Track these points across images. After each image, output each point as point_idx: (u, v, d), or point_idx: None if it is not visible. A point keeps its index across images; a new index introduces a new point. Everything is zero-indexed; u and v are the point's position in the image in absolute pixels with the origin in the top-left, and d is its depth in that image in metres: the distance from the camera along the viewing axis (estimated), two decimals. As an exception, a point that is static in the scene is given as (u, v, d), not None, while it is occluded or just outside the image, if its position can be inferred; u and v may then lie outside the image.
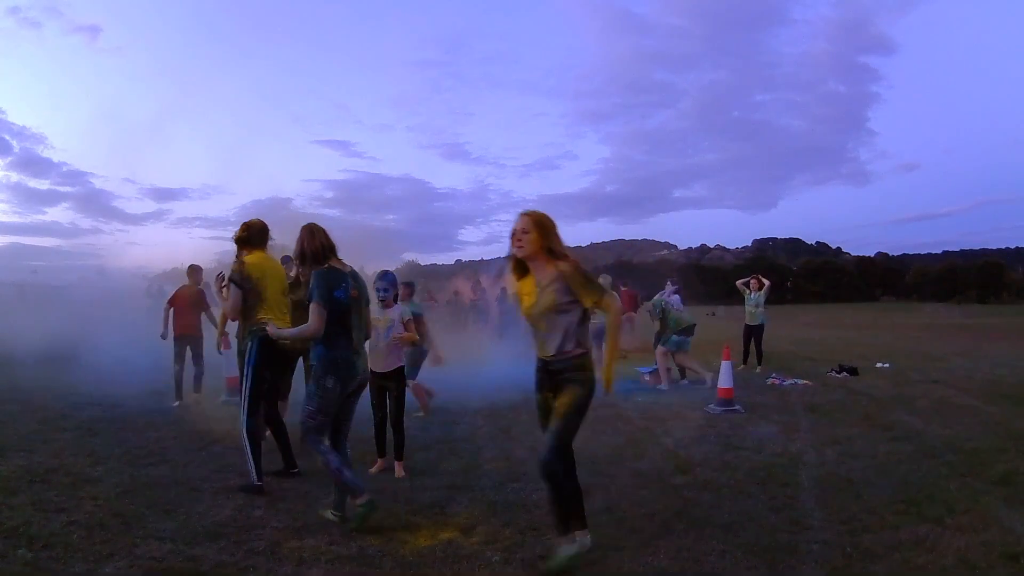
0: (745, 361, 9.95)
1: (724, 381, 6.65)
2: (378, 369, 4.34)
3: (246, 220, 4.15)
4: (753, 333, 10.15)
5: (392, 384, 4.39)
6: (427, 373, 6.56)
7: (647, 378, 8.56)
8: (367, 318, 3.54)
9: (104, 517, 3.34)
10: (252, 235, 4.09)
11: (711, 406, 6.52)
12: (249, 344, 3.92)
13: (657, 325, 8.63)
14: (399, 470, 4.27)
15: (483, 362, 9.64)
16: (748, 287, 10.41)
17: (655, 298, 8.84)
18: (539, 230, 2.87)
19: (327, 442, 3.33)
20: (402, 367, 4.45)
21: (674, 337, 8.28)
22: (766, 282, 10.47)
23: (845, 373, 9.06)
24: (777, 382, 8.30)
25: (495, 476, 4.22)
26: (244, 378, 3.93)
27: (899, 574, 2.77)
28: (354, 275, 3.38)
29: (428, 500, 3.72)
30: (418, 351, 5.97)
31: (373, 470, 4.34)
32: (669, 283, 10.02)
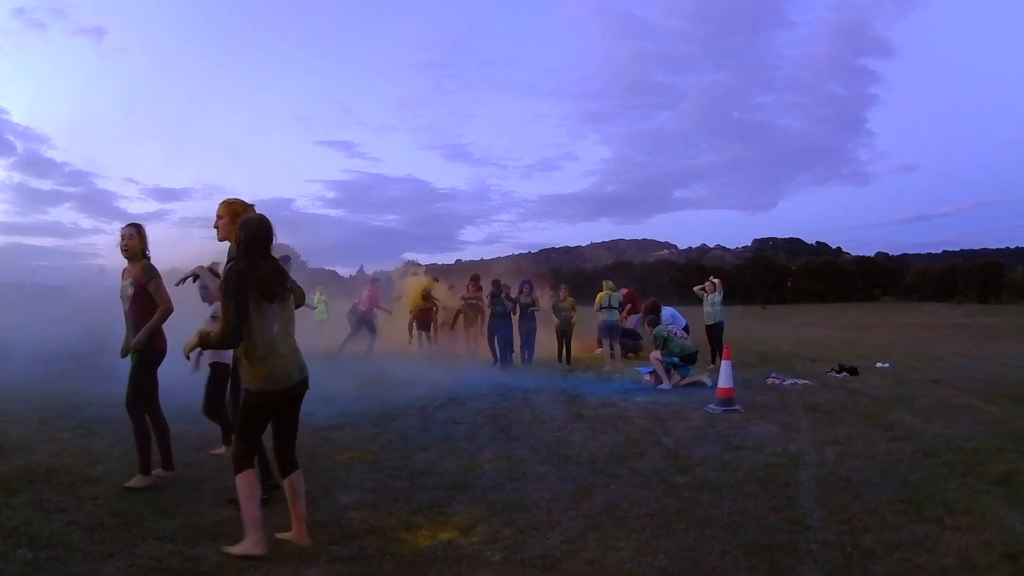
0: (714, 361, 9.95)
1: (724, 381, 6.65)
2: (208, 361, 4.53)
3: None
4: (713, 332, 10.38)
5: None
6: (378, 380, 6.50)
7: (647, 378, 8.56)
8: None
9: (104, 517, 3.34)
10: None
11: (711, 406, 6.52)
12: None
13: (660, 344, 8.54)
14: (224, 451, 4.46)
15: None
16: (704, 291, 10.69)
17: (656, 329, 8.76)
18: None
19: None
20: (217, 362, 4.50)
21: (677, 360, 8.27)
22: (716, 281, 10.67)
23: (845, 373, 9.06)
24: (777, 382, 8.30)
25: (495, 476, 4.22)
26: None
27: (899, 574, 2.77)
28: None
29: (428, 500, 3.72)
30: None
31: (216, 451, 4.55)
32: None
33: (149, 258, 4.06)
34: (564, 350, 10.64)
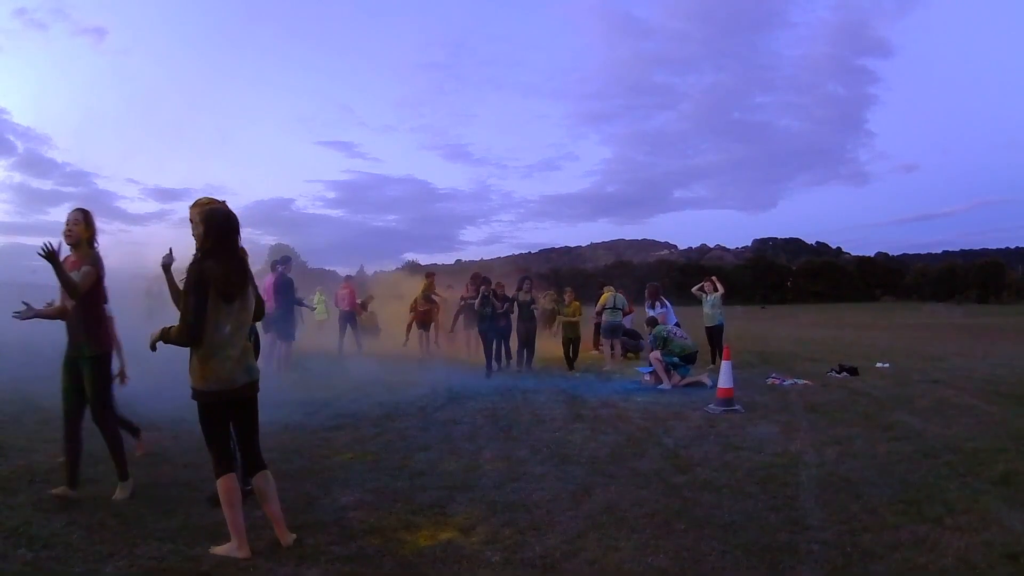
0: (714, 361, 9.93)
1: (724, 381, 6.65)
2: None
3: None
4: (713, 334, 10.41)
5: None
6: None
7: (647, 378, 8.56)
8: None
9: (104, 517, 3.34)
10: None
11: (711, 406, 6.52)
12: None
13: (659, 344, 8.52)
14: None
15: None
16: (704, 291, 10.77)
17: (656, 329, 8.73)
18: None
19: None
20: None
21: (676, 359, 8.28)
22: (720, 286, 10.73)
23: (845, 373, 9.06)
24: (777, 382, 8.30)
25: (495, 476, 4.22)
26: None
27: (899, 574, 2.77)
28: None
29: (428, 500, 3.72)
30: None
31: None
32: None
33: (96, 249, 3.75)
34: (571, 355, 10.33)
